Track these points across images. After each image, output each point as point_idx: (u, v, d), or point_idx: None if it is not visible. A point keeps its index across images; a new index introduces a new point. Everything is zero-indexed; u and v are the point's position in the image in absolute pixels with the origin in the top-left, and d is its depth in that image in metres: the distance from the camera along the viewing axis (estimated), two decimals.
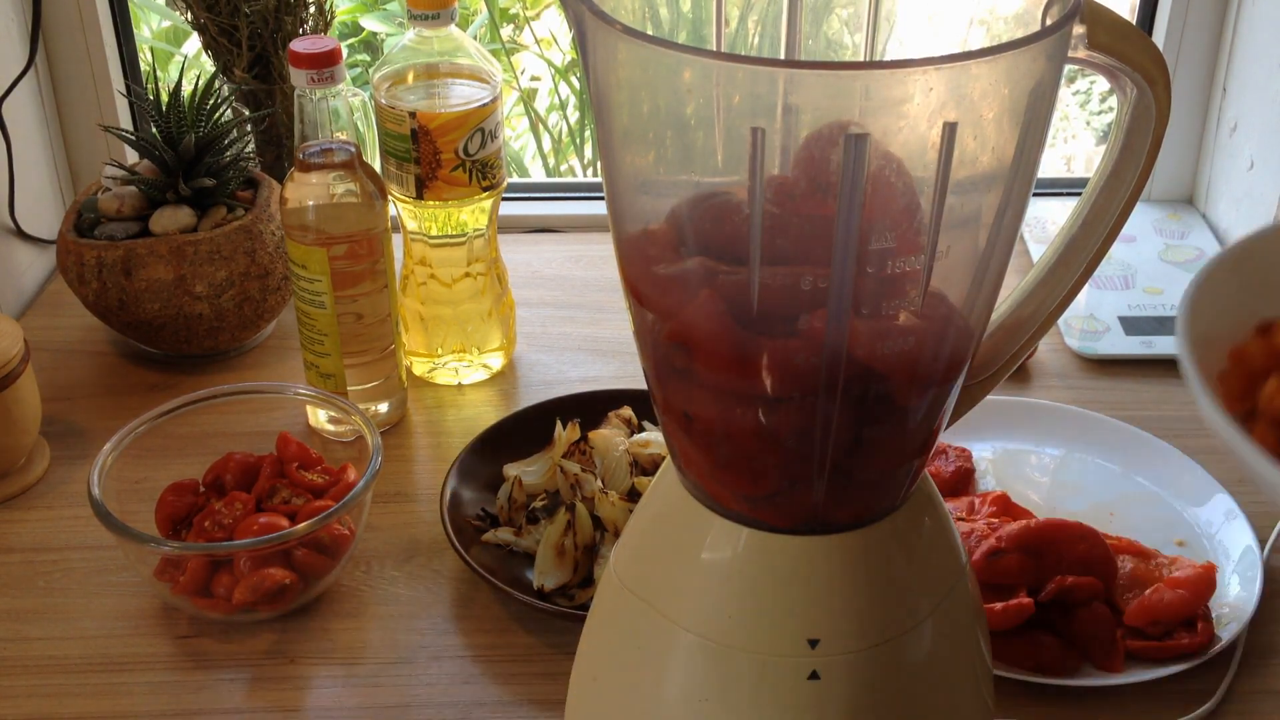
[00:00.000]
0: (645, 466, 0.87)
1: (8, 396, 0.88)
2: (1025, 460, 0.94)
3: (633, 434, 0.90)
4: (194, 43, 1.61)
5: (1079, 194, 0.58)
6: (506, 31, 2.02)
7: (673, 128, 0.47)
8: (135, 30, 1.25)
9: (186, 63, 1.54)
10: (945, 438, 0.85)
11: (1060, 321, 0.90)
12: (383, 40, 1.89)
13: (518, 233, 1.24)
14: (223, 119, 1.02)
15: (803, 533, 0.52)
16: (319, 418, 0.95)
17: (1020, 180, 0.49)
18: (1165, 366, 1.05)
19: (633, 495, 0.84)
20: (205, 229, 1.00)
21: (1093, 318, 1.09)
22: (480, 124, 0.93)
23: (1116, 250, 0.84)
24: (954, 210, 0.46)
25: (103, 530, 0.78)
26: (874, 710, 0.53)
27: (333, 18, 1.15)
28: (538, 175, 1.97)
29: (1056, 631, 0.76)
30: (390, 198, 0.94)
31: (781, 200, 0.48)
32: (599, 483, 0.86)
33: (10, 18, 1.11)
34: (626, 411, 0.92)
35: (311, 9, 1.12)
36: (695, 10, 0.57)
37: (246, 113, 1.12)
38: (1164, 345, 1.06)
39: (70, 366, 1.05)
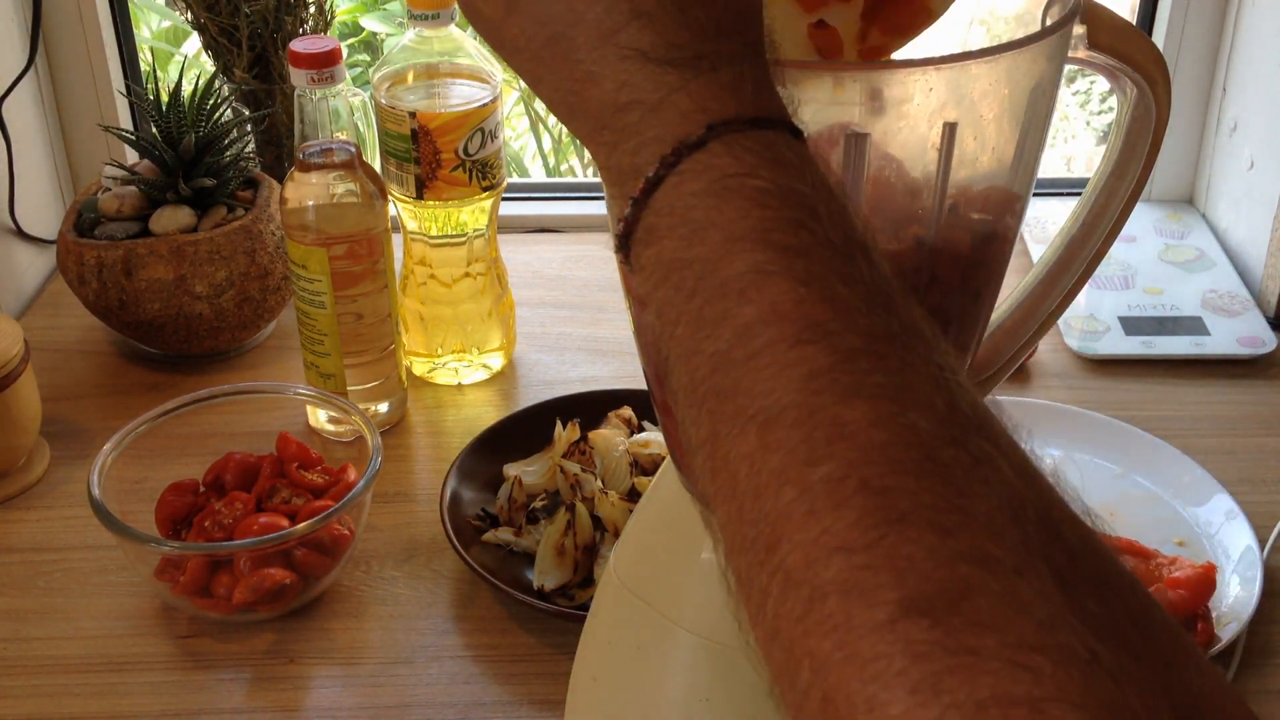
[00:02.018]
0: (645, 466, 0.87)
1: (8, 396, 0.88)
2: None
3: (633, 434, 0.90)
4: (194, 43, 1.61)
5: (1079, 194, 0.58)
6: None
7: None
8: (135, 30, 1.25)
9: (186, 63, 1.54)
10: None
11: (1060, 321, 0.90)
12: (383, 40, 1.89)
13: (518, 233, 1.24)
14: (223, 119, 1.02)
15: None
16: (319, 418, 0.95)
17: (1020, 180, 0.49)
18: (1165, 366, 1.05)
19: (633, 495, 0.84)
20: (205, 229, 1.00)
21: (1093, 318, 1.09)
22: (480, 124, 0.93)
23: (1116, 250, 0.84)
24: None
25: (103, 530, 0.78)
26: None
27: (333, 18, 1.15)
28: (538, 175, 1.97)
29: None
30: (390, 198, 0.94)
31: None
32: (599, 483, 0.86)
33: (10, 18, 1.11)
34: (626, 411, 0.92)
35: (311, 9, 1.12)
36: None
37: (246, 113, 1.12)
38: (1164, 345, 1.06)
39: (70, 366, 1.05)
